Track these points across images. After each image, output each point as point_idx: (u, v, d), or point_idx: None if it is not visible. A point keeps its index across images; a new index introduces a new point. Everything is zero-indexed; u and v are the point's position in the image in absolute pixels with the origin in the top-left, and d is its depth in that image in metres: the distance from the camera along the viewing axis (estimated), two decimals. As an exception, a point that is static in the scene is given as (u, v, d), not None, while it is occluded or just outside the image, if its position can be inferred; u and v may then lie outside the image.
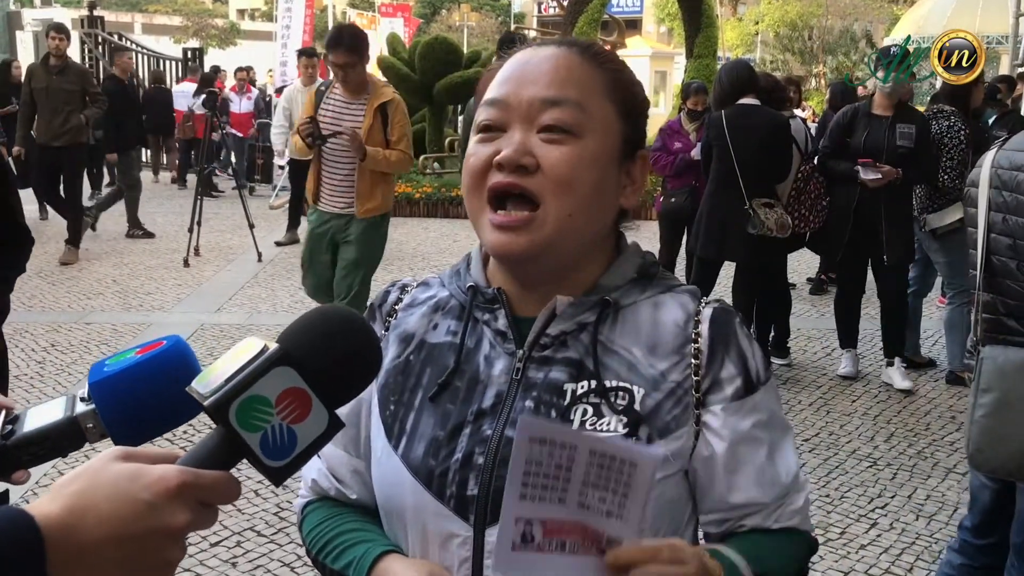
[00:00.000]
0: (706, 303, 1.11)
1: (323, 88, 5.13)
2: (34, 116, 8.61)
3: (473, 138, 1.09)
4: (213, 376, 0.76)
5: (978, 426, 2.43)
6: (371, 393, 1.15)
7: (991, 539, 2.73)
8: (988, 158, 2.56)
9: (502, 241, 1.04)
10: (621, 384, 1.05)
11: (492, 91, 1.08)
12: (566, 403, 1.05)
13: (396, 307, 1.19)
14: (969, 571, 2.79)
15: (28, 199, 8.33)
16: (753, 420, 1.07)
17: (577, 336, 1.08)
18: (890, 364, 5.66)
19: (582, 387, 1.06)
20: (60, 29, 8.87)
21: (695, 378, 1.07)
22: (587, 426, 1.03)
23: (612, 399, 1.04)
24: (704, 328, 1.08)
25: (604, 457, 0.88)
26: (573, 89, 1.05)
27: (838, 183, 5.53)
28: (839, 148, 5.52)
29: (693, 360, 1.07)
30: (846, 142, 5.48)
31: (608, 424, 1.03)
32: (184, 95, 13.89)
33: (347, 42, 4.83)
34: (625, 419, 1.04)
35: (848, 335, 5.85)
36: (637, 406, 1.04)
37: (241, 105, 14.50)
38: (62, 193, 8.91)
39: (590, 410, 1.04)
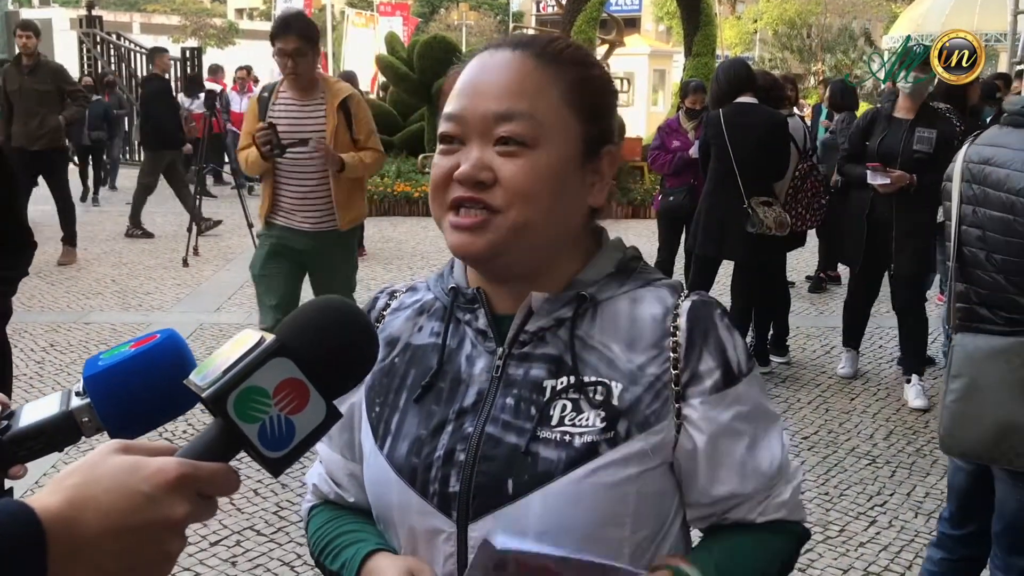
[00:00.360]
0: (685, 296, 1.12)
1: (266, 94, 4.42)
2: (12, 119, 8.20)
3: (437, 148, 1.10)
4: (211, 368, 0.76)
5: (948, 410, 2.51)
6: (360, 396, 1.16)
7: (968, 528, 2.76)
8: (961, 153, 2.62)
9: (461, 241, 1.05)
10: (599, 379, 1.06)
11: (450, 103, 1.08)
12: (545, 399, 1.06)
13: (384, 312, 1.22)
14: (949, 565, 2.82)
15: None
16: (734, 412, 1.07)
17: (555, 332, 1.09)
18: (907, 381, 5.37)
19: (561, 383, 1.06)
20: (27, 27, 8.44)
21: (674, 371, 1.07)
22: (566, 421, 1.04)
23: (591, 394, 1.05)
24: (682, 321, 1.08)
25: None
26: (525, 100, 1.05)
27: (855, 188, 5.39)
28: (857, 151, 5.35)
29: (671, 354, 1.07)
30: (864, 145, 5.30)
31: (586, 419, 1.04)
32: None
33: (298, 26, 4.21)
34: (603, 414, 1.04)
35: (851, 335, 5.75)
36: (615, 401, 1.05)
37: (242, 104, 14.50)
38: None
39: (568, 405, 1.05)
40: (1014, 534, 2.52)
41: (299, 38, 4.16)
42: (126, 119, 16.17)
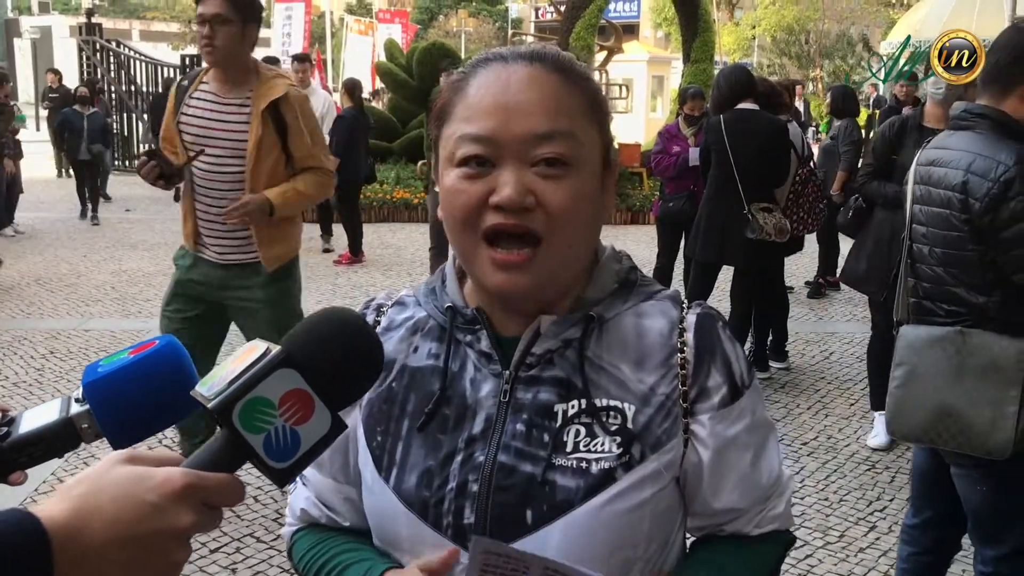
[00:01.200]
0: (688, 309, 1.10)
1: (186, 83, 3.43)
2: None
3: (452, 169, 1.02)
4: (217, 379, 0.77)
5: (893, 397, 2.65)
6: (356, 421, 1.12)
7: (926, 514, 2.84)
8: (917, 157, 2.75)
9: (504, 281, 1.01)
10: (612, 403, 1.04)
11: (473, 123, 1.00)
12: (557, 425, 1.03)
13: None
14: (916, 559, 2.89)
15: None
16: (739, 426, 1.08)
17: (563, 353, 1.06)
18: None
19: (572, 407, 1.04)
20: None
21: (682, 388, 1.06)
22: (581, 448, 1.02)
23: (604, 419, 1.03)
24: (689, 336, 1.07)
25: (557, 573, 0.94)
26: (564, 118, 1.00)
27: (882, 208, 4.59)
28: (885, 167, 4.59)
29: (680, 370, 1.06)
30: (892, 160, 4.54)
31: (601, 444, 1.02)
32: None
33: None
34: (619, 439, 1.02)
35: (882, 394, 4.64)
36: (630, 424, 1.03)
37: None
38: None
39: (583, 430, 1.03)
40: (983, 526, 2.60)
41: (224, 1, 3.22)
42: (115, 127, 16.10)
